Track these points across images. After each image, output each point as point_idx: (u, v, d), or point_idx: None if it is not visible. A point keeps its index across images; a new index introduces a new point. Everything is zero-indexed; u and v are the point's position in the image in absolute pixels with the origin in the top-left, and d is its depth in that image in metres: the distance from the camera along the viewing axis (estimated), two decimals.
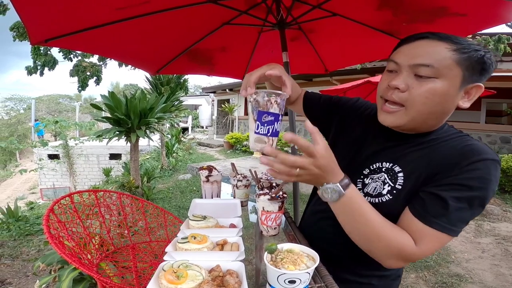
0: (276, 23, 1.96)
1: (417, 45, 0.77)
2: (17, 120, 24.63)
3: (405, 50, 0.79)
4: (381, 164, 0.85)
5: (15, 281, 2.99)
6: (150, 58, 2.33)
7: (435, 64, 0.72)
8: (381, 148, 0.88)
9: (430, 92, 0.74)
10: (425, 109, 0.75)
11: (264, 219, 0.99)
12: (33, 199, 9.30)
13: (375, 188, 0.84)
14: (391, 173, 0.83)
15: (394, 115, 0.79)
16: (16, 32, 4.78)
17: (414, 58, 0.75)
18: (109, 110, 4.69)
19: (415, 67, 0.75)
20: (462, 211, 0.71)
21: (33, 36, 1.56)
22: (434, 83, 0.73)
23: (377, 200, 0.83)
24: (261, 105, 0.75)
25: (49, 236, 1.11)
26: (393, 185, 0.81)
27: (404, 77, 0.76)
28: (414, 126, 0.80)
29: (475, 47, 0.73)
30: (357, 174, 0.89)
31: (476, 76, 0.74)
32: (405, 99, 0.76)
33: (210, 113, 20.87)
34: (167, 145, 9.83)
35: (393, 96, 0.78)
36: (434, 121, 0.79)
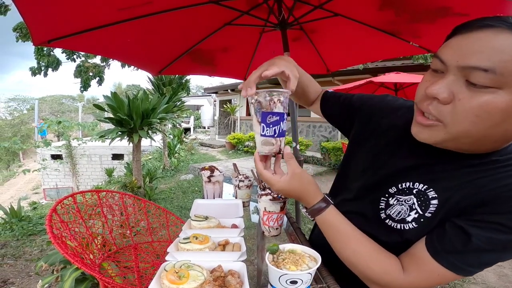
0: (278, 23, 1.96)
1: (475, 37, 0.52)
2: (21, 120, 24.77)
3: (456, 44, 0.55)
4: (412, 185, 0.68)
5: (17, 281, 3.00)
6: (152, 58, 2.34)
7: (498, 68, 0.49)
8: (417, 165, 0.69)
9: (485, 109, 0.51)
10: (474, 130, 0.54)
11: (266, 220, 0.98)
12: (36, 199, 9.36)
13: (399, 213, 0.68)
14: (422, 198, 0.65)
15: (431, 129, 0.59)
16: (19, 33, 4.82)
17: (466, 57, 0.52)
18: (111, 111, 4.70)
19: (466, 70, 0.52)
20: (488, 254, 0.57)
21: (36, 37, 1.57)
22: (492, 95, 0.51)
23: (398, 227, 0.68)
24: (264, 106, 0.72)
25: (52, 236, 1.11)
26: (422, 212, 0.65)
27: (449, 82, 0.55)
28: (459, 146, 0.60)
29: None
30: (382, 192, 0.73)
31: None
32: (445, 114, 0.56)
33: (212, 114, 20.91)
34: (169, 146, 9.85)
35: (429, 108, 0.58)
36: (494, 144, 0.58)
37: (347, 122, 0.93)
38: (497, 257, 0.58)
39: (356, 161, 0.85)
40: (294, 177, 0.74)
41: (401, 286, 0.64)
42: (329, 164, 8.39)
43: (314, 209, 0.74)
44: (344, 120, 0.95)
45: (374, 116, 0.84)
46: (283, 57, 0.82)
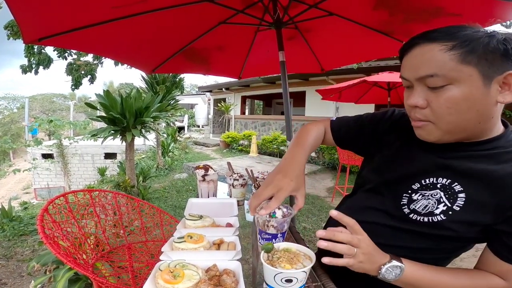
0: (273, 22, 1.96)
1: (413, 54, 0.70)
2: (11, 119, 24.37)
3: (407, 63, 0.72)
4: (436, 180, 0.75)
5: (10, 281, 2.96)
6: (146, 57, 2.32)
7: (438, 71, 0.65)
8: (435, 161, 0.76)
9: (450, 101, 0.65)
10: (454, 119, 0.67)
11: None
12: (27, 199, 9.23)
13: (426, 206, 0.74)
14: (450, 192, 0.72)
15: (426, 129, 0.72)
16: (10, 31, 4.73)
17: (416, 71, 0.68)
18: (104, 109, 4.65)
19: (423, 80, 0.68)
20: None
21: (27, 35, 1.55)
22: (450, 91, 0.65)
23: (425, 219, 0.74)
24: (260, 225, 0.83)
25: (44, 236, 1.10)
26: (450, 205, 0.71)
27: (419, 92, 0.70)
28: (457, 136, 0.71)
29: (475, 35, 0.64)
30: (404, 189, 0.79)
31: (499, 65, 0.63)
32: (429, 115, 0.69)
33: (206, 112, 20.83)
34: (163, 144, 9.79)
35: (416, 115, 0.72)
36: (479, 125, 0.69)
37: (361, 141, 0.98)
38: None
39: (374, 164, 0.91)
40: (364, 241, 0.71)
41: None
42: (323, 162, 8.43)
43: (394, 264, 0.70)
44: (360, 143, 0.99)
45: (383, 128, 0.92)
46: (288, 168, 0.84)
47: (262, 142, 10.31)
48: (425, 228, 0.74)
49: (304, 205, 0.84)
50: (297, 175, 0.83)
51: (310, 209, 4.78)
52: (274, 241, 0.83)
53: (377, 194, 0.85)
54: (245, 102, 15.04)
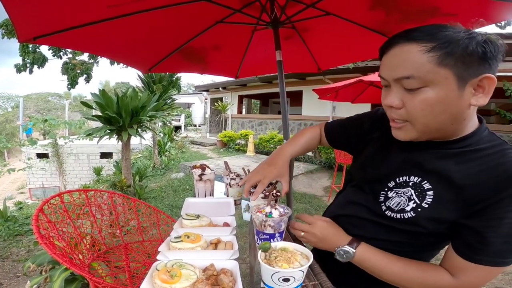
0: (270, 21, 1.96)
1: (392, 54, 0.69)
2: (5, 118, 24.14)
3: (385, 62, 0.72)
4: (408, 178, 0.78)
5: (5, 282, 2.93)
6: (142, 56, 2.31)
7: (415, 73, 0.65)
8: (408, 159, 0.79)
9: (425, 104, 0.66)
10: (428, 120, 0.68)
11: None
12: (22, 199, 9.14)
13: (399, 203, 0.77)
14: (419, 190, 0.75)
15: (403, 130, 0.74)
16: (5, 30, 4.69)
17: (394, 71, 0.69)
18: (99, 108, 4.62)
19: (399, 81, 0.68)
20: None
21: (21, 34, 1.53)
22: (425, 93, 0.65)
23: (398, 216, 0.77)
24: (257, 226, 0.86)
25: (39, 236, 1.09)
26: (419, 202, 0.74)
27: (395, 93, 0.70)
28: (431, 136, 0.73)
29: (456, 36, 0.63)
30: (382, 187, 0.83)
31: (475, 68, 0.63)
32: (404, 115, 0.71)
33: (203, 112, 20.80)
34: (159, 144, 9.76)
35: (392, 115, 0.74)
36: (452, 126, 0.70)
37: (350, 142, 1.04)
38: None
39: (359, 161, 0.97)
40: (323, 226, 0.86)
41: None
42: (319, 162, 8.46)
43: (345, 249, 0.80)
44: (348, 142, 1.06)
45: (368, 127, 0.97)
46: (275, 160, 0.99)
47: (259, 142, 10.32)
48: (398, 224, 0.77)
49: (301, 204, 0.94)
50: (281, 165, 0.97)
51: (307, 208, 4.80)
52: (272, 241, 0.83)
53: (361, 191, 0.90)
54: (242, 102, 15.03)
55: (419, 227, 0.74)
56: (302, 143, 1.08)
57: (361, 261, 0.79)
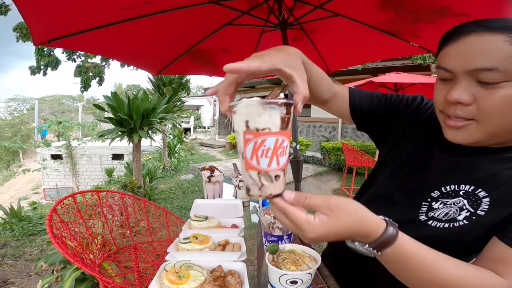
0: (278, 23, 1.96)
1: (467, 42, 0.59)
2: (20, 120, 24.77)
3: (454, 52, 0.61)
4: (458, 187, 0.67)
5: (17, 281, 3.00)
6: (152, 58, 2.34)
7: (500, 65, 0.55)
8: (456, 165, 0.68)
9: (506, 101, 0.56)
10: (504, 121, 0.58)
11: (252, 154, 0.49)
12: (36, 199, 9.35)
13: (447, 214, 0.67)
14: (473, 199, 0.65)
15: (465, 130, 0.62)
16: (20, 33, 4.81)
17: (470, 62, 0.58)
18: (111, 111, 4.70)
19: (475, 73, 0.58)
20: None
21: (36, 37, 1.57)
22: (507, 89, 0.56)
23: (446, 225, 0.67)
24: (265, 228, 0.83)
25: (52, 236, 1.11)
26: (474, 211, 0.64)
27: (465, 87, 0.60)
28: (497, 140, 0.63)
29: None
30: (422, 196, 0.71)
31: None
32: (474, 113, 0.60)
33: (212, 114, 20.89)
34: (169, 146, 9.85)
35: (457, 112, 0.62)
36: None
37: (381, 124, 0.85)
38: None
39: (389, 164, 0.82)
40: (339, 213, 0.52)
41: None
42: (329, 164, 8.39)
43: (383, 240, 0.53)
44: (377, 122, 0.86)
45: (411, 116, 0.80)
46: (283, 48, 0.60)
47: None
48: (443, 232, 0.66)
49: None
50: (293, 54, 0.60)
51: None
52: (280, 243, 0.83)
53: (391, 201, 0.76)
54: None
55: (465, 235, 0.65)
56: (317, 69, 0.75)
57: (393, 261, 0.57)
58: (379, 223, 0.54)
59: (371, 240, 0.54)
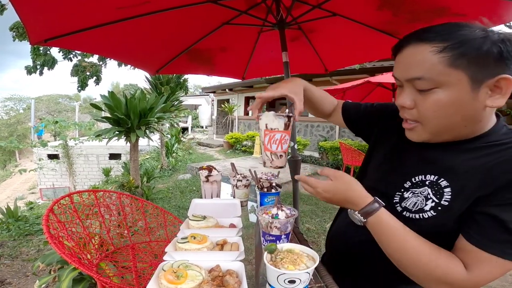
0: (276, 23, 1.96)
1: (404, 54, 0.68)
2: (17, 120, 24.59)
3: (398, 62, 0.71)
4: (424, 177, 0.74)
5: (14, 281, 2.98)
6: (150, 58, 2.33)
7: (426, 75, 0.64)
8: (424, 158, 0.76)
9: (437, 105, 0.65)
10: (441, 122, 0.67)
11: (268, 142, 0.86)
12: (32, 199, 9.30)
13: (416, 204, 0.74)
14: (436, 188, 0.72)
15: (415, 131, 0.73)
16: (16, 32, 4.77)
17: (406, 72, 0.68)
18: (108, 110, 4.68)
19: (411, 81, 0.68)
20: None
21: (33, 36, 1.56)
22: (437, 94, 0.64)
23: (417, 216, 0.73)
24: (263, 227, 0.85)
25: (49, 236, 1.11)
26: (438, 201, 0.70)
27: (407, 93, 0.70)
28: (444, 137, 0.71)
29: (469, 36, 0.61)
30: (397, 188, 0.79)
31: (491, 69, 0.61)
32: (416, 116, 0.70)
33: (210, 113, 20.88)
34: (166, 145, 9.83)
35: (405, 115, 0.73)
36: (466, 128, 0.68)
37: (367, 128, 1.02)
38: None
39: (374, 161, 0.94)
40: (337, 179, 0.77)
41: (470, 285, 0.64)
42: (326, 163, 8.40)
43: (367, 210, 0.72)
44: (366, 131, 1.04)
45: (387, 121, 0.93)
46: (290, 80, 0.92)
47: None
48: (417, 225, 0.72)
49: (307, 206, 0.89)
50: (295, 84, 0.91)
51: (313, 210, 4.77)
52: (278, 242, 0.83)
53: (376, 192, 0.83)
54: (248, 103, 15.04)
55: (439, 227, 0.71)
56: (318, 92, 1.04)
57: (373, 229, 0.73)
58: (366, 196, 0.74)
59: (359, 208, 0.73)
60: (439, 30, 0.64)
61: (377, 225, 0.72)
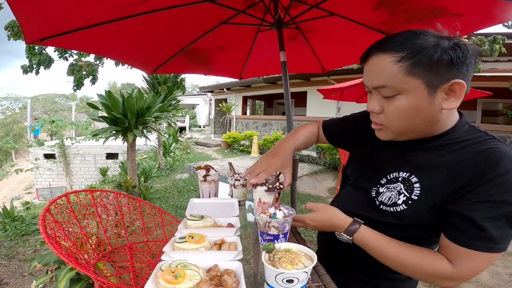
0: (274, 22, 1.96)
1: (369, 63, 0.75)
2: (13, 119, 24.40)
3: (365, 71, 0.78)
4: (398, 174, 0.82)
5: (11, 281, 2.97)
6: (147, 57, 2.32)
7: (388, 83, 0.70)
8: (397, 157, 0.84)
9: (399, 110, 0.72)
10: (403, 124, 0.75)
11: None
12: (29, 199, 9.25)
13: (390, 198, 0.82)
14: (408, 184, 0.79)
15: (382, 131, 0.81)
16: (11, 31, 4.73)
17: (372, 80, 0.75)
18: (105, 109, 4.66)
19: (377, 89, 0.74)
20: (503, 229, 0.66)
21: (28, 35, 1.55)
22: (399, 100, 0.71)
23: (391, 209, 0.81)
24: (261, 227, 0.86)
25: (46, 236, 1.10)
26: (409, 195, 0.78)
27: (375, 99, 0.77)
28: (408, 136, 0.79)
29: (423, 44, 0.66)
30: (374, 184, 0.87)
31: (444, 74, 0.67)
32: (382, 120, 0.78)
33: (208, 113, 20.83)
34: (164, 145, 9.80)
35: (374, 119, 0.81)
36: (426, 128, 0.76)
37: (346, 139, 1.12)
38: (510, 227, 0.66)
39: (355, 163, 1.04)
40: (320, 210, 0.89)
41: (458, 277, 0.71)
42: (324, 163, 8.42)
43: (350, 230, 0.82)
44: (344, 139, 1.13)
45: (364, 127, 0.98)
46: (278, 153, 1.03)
47: (264, 143, 10.31)
48: (393, 217, 0.80)
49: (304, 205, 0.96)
50: (284, 157, 1.01)
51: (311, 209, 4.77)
52: (276, 242, 0.83)
53: (357, 189, 0.95)
54: (246, 103, 15.05)
55: (412, 219, 0.78)
56: (303, 138, 1.13)
57: (360, 244, 0.82)
58: (346, 219, 0.84)
59: (343, 230, 0.83)
60: (398, 40, 0.70)
61: (363, 241, 0.81)
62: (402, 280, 0.92)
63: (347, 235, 0.82)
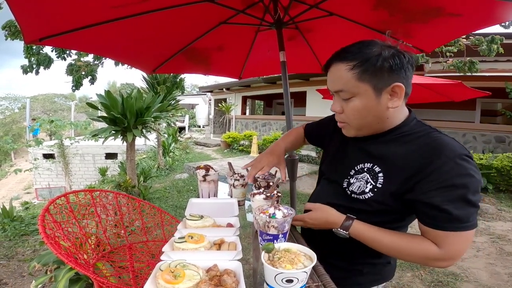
0: (273, 22, 1.96)
1: (331, 71, 0.88)
2: (12, 119, 24.36)
3: (328, 78, 0.90)
4: (363, 165, 0.94)
5: (11, 281, 2.96)
6: (146, 57, 2.32)
7: (344, 87, 0.84)
8: (360, 150, 0.96)
9: (354, 110, 0.86)
10: (359, 122, 0.88)
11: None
12: (28, 199, 9.24)
13: (359, 187, 0.92)
14: (372, 173, 0.90)
15: (345, 128, 0.95)
16: (8, 31, 4.71)
17: (332, 86, 0.89)
18: (105, 109, 4.66)
19: (337, 93, 0.88)
20: (464, 209, 0.75)
21: (27, 35, 1.55)
22: (354, 102, 0.85)
23: (361, 197, 0.91)
24: (260, 227, 0.87)
25: (45, 236, 1.10)
26: (374, 183, 0.89)
27: (337, 101, 0.90)
28: (365, 132, 0.92)
29: (369, 54, 0.80)
30: (345, 175, 0.98)
31: (386, 79, 0.80)
32: (344, 119, 0.91)
33: (207, 112, 20.81)
34: (163, 145, 9.80)
35: (337, 118, 0.95)
36: (378, 124, 0.89)
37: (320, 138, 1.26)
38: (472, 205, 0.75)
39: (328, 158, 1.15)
40: (317, 209, 0.97)
41: (446, 258, 0.79)
42: None
43: (345, 225, 0.90)
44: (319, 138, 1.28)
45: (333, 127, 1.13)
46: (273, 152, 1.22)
47: (263, 142, 10.31)
48: (364, 204, 0.90)
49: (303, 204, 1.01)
50: (279, 155, 1.21)
51: None
52: (275, 241, 0.83)
53: (331, 182, 1.05)
54: (245, 102, 15.04)
55: (380, 205, 0.87)
56: (291, 140, 1.34)
57: (356, 237, 0.90)
58: (340, 216, 0.92)
59: (338, 226, 0.91)
60: (351, 50, 0.83)
61: (358, 234, 0.89)
62: (382, 264, 1.03)
63: (343, 230, 0.90)
